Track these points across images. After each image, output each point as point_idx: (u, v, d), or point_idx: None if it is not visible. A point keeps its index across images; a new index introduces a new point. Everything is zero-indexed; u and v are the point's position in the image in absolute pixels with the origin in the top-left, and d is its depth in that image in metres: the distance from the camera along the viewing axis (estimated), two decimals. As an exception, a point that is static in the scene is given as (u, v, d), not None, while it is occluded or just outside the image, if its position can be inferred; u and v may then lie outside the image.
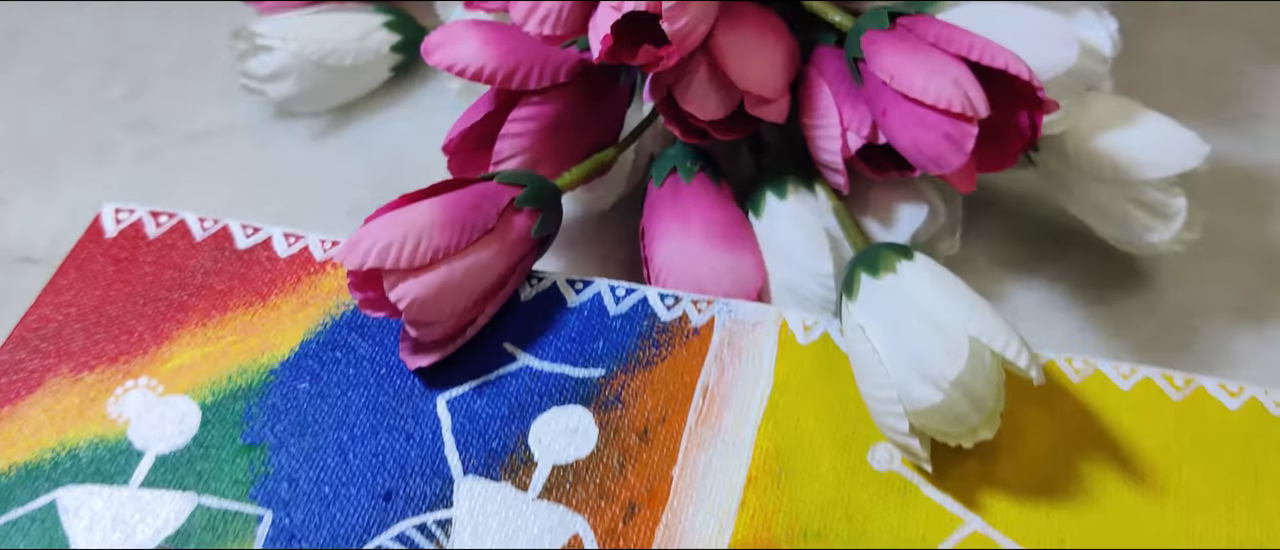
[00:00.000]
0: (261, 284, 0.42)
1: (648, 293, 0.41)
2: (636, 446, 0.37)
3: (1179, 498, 0.35)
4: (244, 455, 0.38)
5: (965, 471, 0.36)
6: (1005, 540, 0.35)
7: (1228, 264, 0.46)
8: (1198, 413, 0.37)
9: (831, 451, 0.37)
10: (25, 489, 0.37)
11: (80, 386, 0.40)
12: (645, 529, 0.36)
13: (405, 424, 0.38)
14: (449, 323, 0.39)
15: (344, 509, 0.36)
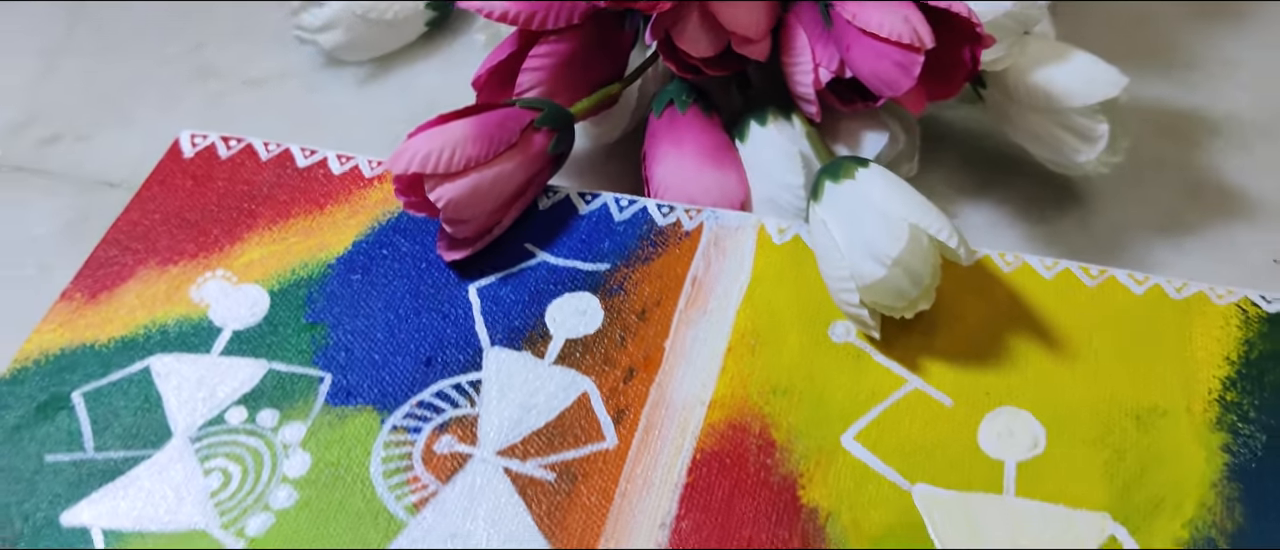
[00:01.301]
0: (319, 196, 0.50)
1: (647, 204, 0.49)
2: (635, 324, 0.45)
3: (1089, 364, 0.42)
4: (307, 331, 0.45)
5: (909, 342, 0.43)
6: (941, 396, 0.42)
7: (1153, 189, 0.53)
8: (1108, 297, 0.44)
9: (798, 328, 0.44)
10: (123, 357, 0.45)
11: (166, 277, 0.47)
12: (641, 388, 0.43)
13: (442, 306, 0.46)
14: (478, 222, 0.46)
15: (392, 372, 0.44)
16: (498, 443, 0.42)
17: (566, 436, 0.42)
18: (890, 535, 0.38)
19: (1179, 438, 0.40)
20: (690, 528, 0.39)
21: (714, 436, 0.41)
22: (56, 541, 0.40)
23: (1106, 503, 0.39)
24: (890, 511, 0.39)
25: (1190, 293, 0.44)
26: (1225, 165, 0.54)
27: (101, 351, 0.45)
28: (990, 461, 0.40)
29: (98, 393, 0.44)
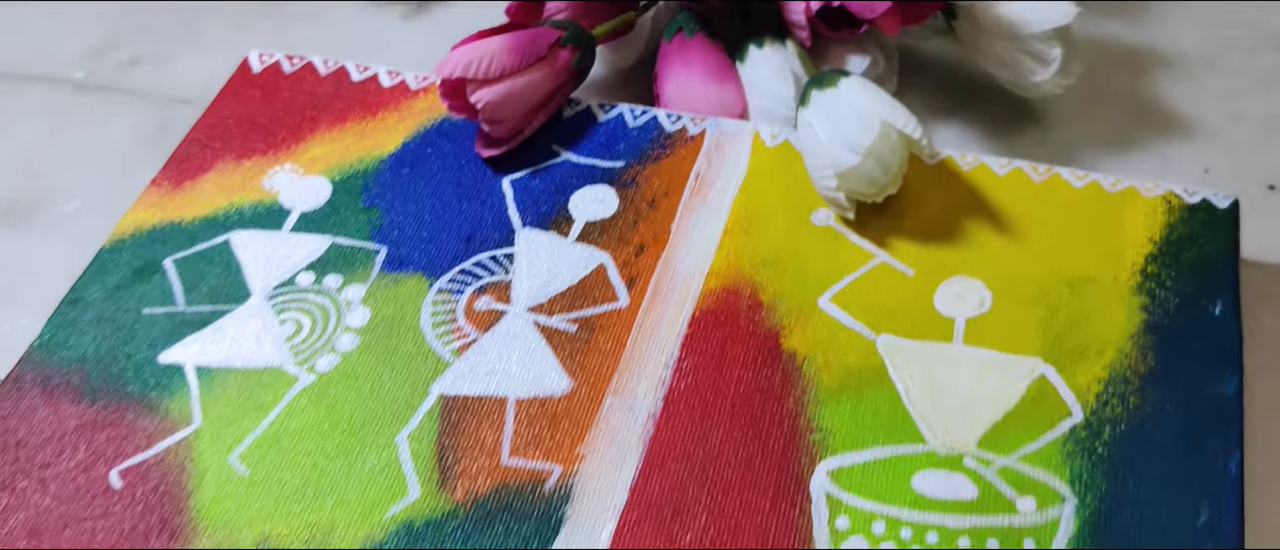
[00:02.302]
0: (371, 104, 0.57)
1: (658, 113, 0.56)
2: (646, 210, 0.52)
3: (1031, 242, 0.50)
4: (364, 213, 0.53)
5: (878, 224, 0.51)
6: (904, 267, 0.49)
7: (1103, 111, 0.60)
8: (1052, 190, 0.52)
9: (784, 213, 0.52)
10: (206, 232, 0.52)
11: (241, 169, 0.55)
12: (650, 260, 0.50)
13: (479, 195, 0.53)
14: (511, 123, 0.54)
15: (438, 246, 0.51)
16: (528, 301, 0.49)
17: (586, 297, 0.49)
18: (856, 373, 0.46)
19: (1105, 300, 0.47)
20: (689, 367, 0.46)
21: (711, 298, 0.49)
22: (156, 376, 0.47)
23: (1039, 350, 0.46)
24: (857, 356, 0.47)
25: (1123, 187, 0.51)
26: (1171, 93, 0.61)
27: (187, 227, 0.52)
28: (943, 318, 0.47)
29: (185, 260, 0.51)
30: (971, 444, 0.43)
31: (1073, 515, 0.41)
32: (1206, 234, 0.49)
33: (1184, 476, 0.42)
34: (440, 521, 0.43)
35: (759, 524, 0.42)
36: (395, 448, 0.45)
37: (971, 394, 0.45)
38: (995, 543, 0.41)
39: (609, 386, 0.46)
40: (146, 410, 0.46)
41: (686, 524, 0.42)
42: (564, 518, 0.43)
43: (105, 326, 0.49)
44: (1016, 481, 0.42)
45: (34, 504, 0.44)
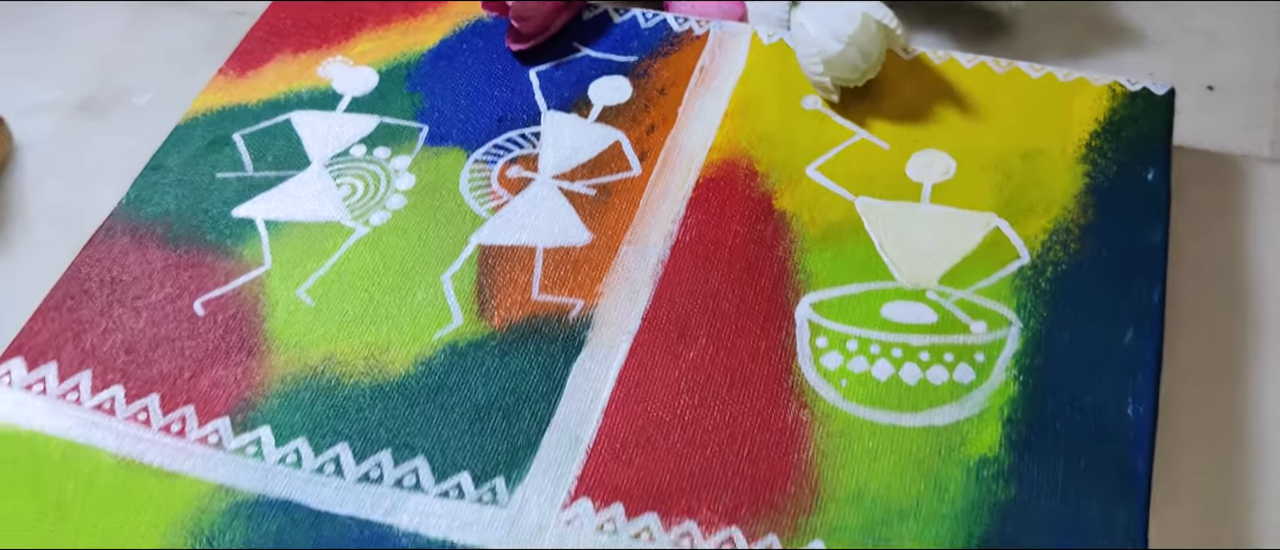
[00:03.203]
0: (413, 7, 0.64)
1: (667, 16, 0.63)
2: (656, 96, 0.59)
3: (991, 122, 0.57)
4: (408, 97, 0.60)
5: (859, 107, 0.58)
6: (880, 142, 0.57)
7: (1065, 26, 0.68)
8: (1012, 80, 0.59)
9: (778, 100, 0.59)
10: (269, 112, 0.60)
11: (297, 61, 0.62)
12: (660, 138, 0.58)
13: (509, 84, 0.60)
14: (537, 21, 0.61)
15: (473, 126, 0.59)
16: (553, 170, 0.57)
17: (604, 167, 0.57)
18: (837, 227, 0.53)
19: (1053, 168, 0.55)
20: (693, 222, 0.54)
21: (712, 169, 0.56)
22: (230, 227, 0.55)
23: (994, 207, 0.53)
24: (838, 213, 0.54)
25: (1074, 77, 0.58)
26: (1126, 10, 0.69)
27: (252, 109, 0.60)
28: (913, 183, 0.55)
29: (252, 135, 0.59)
30: (933, 281, 0.51)
31: (1017, 336, 0.49)
32: (1145, 117, 0.56)
33: (1114, 306, 0.49)
34: (480, 342, 0.50)
35: (751, 344, 0.50)
36: (440, 285, 0.52)
37: (935, 242, 0.52)
38: (950, 356, 0.48)
39: (624, 238, 0.54)
40: (223, 254, 0.54)
41: (690, 344, 0.50)
42: (586, 340, 0.50)
43: (184, 188, 0.56)
44: (970, 310, 0.50)
45: (129, 327, 0.51)
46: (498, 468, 0.46)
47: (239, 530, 0.45)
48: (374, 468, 0.47)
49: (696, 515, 0.45)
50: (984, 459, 0.45)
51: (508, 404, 0.48)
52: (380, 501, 0.46)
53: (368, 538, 0.45)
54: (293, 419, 0.48)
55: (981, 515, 0.44)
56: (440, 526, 0.45)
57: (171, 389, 0.49)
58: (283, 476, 0.46)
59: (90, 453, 0.47)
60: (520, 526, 0.45)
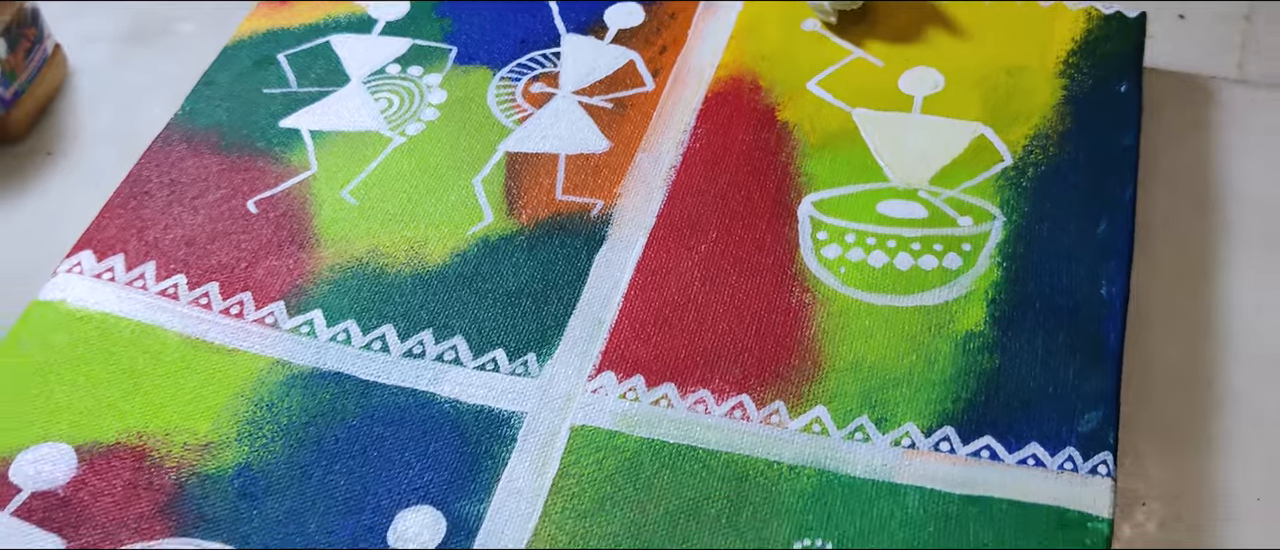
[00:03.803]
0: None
1: (676, -50, 0.68)
2: (667, 20, 0.64)
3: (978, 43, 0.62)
4: (438, 22, 0.65)
5: (855, 29, 0.63)
6: (875, 59, 0.62)
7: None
8: (998, 9, 0.64)
9: (780, 24, 0.64)
10: (309, 36, 0.64)
11: (334, -9, 0.67)
12: (671, 57, 0.62)
13: (531, 10, 0.65)
14: (558, -48, 0.66)
15: (498, 47, 0.63)
16: (573, 87, 0.61)
17: (620, 84, 0.61)
18: (835, 135, 0.58)
19: (1034, 81, 0.59)
20: (703, 132, 0.59)
21: (720, 84, 0.61)
22: (278, 136, 0.59)
23: (980, 116, 0.58)
24: (837, 123, 0.59)
25: (1053, 4, 0.63)
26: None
27: (294, 31, 0.64)
28: (905, 96, 0.60)
29: (295, 55, 0.63)
30: (924, 181, 0.56)
31: (1001, 228, 0.54)
32: (1118, 36, 0.61)
33: (1089, 201, 0.54)
34: (510, 237, 0.55)
35: (757, 237, 0.55)
36: (472, 187, 0.57)
37: (925, 148, 0.57)
38: (940, 247, 0.53)
39: (639, 146, 0.58)
40: (272, 160, 0.58)
41: (701, 238, 0.55)
42: (606, 235, 0.55)
43: (234, 101, 0.61)
44: (958, 206, 0.55)
45: (188, 223, 0.56)
46: (529, 345, 0.51)
47: (296, 398, 0.50)
48: (417, 345, 0.51)
49: (710, 385, 0.50)
50: (970, 333, 0.50)
51: (536, 290, 0.53)
52: (423, 374, 0.51)
53: (412, 404, 0.50)
54: (342, 303, 0.53)
55: (968, 382, 0.49)
56: (478, 395, 0.50)
57: (230, 277, 0.54)
58: (334, 352, 0.51)
59: (157, 332, 0.52)
60: (551, 395, 0.50)
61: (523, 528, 0.46)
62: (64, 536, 0.46)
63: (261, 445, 0.48)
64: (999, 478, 0.46)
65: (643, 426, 0.49)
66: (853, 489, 0.46)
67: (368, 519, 0.46)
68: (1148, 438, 0.50)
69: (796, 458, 0.47)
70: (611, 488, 0.47)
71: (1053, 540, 0.44)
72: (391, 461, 0.48)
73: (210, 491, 0.47)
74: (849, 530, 0.45)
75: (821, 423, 0.48)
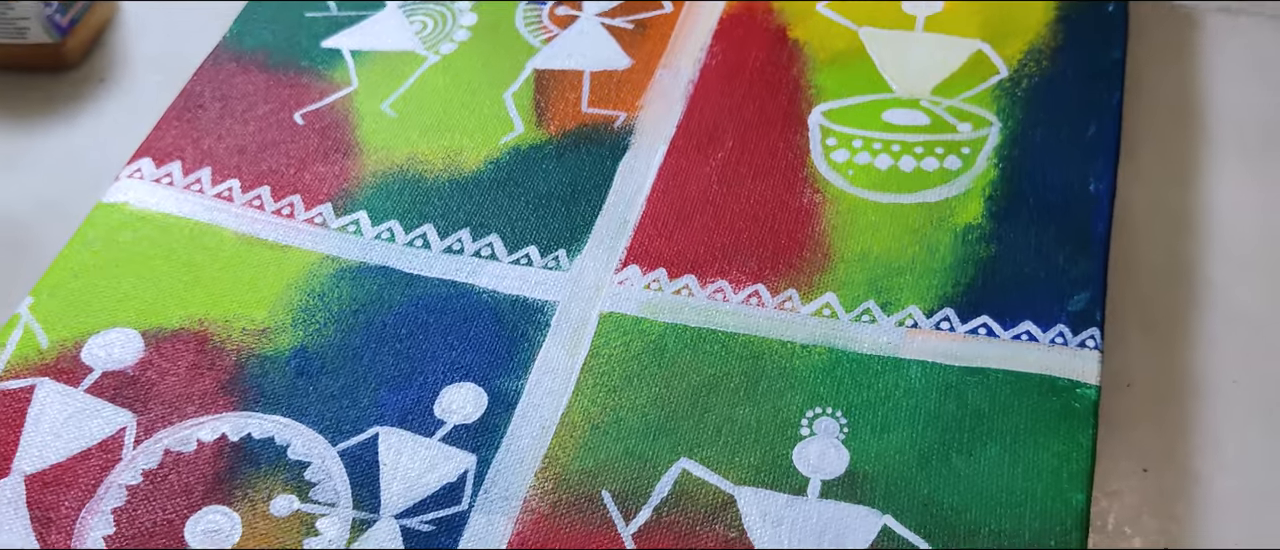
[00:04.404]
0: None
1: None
2: (684, -50, 0.68)
3: (977, -30, 0.66)
4: (466, -48, 0.69)
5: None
6: (881, -16, 0.66)
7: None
8: (994, -66, 0.68)
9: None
10: (346, -34, 0.68)
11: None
12: (688, -17, 0.66)
13: (554, -59, 0.69)
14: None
15: (524, -26, 0.67)
16: (596, 10, 0.65)
17: (640, 6, 0.65)
18: (843, 52, 0.62)
19: (1028, 3, 0.64)
20: (719, 50, 0.63)
21: (733, 6, 0.65)
22: (321, 55, 0.63)
23: (978, 34, 0.62)
24: (844, 41, 0.63)
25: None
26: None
27: (331, -37, 0.69)
28: (908, 15, 0.64)
29: (333, -17, 0.67)
30: (926, 92, 0.60)
31: (997, 133, 0.58)
32: (1108, -38, 0.65)
33: (1079, 108, 0.58)
34: (539, 146, 0.59)
35: (770, 144, 0.59)
36: (503, 101, 0.61)
37: (927, 62, 0.61)
38: (940, 150, 0.58)
39: (659, 63, 0.62)
40: (316, 77, 0.62)
41: (718, 146, 0.59)
42: (629, 144, 0.59)
43: (277, 24, 0.65)
44: (958, 114, 0.59)
45: (239, 133, 0.60)
46: (560, 242, 0.55)
47: (345, 289, 0.54)
48: (455, 242, 0.56)
49: (727, 275, 0.54)
50: (969, 226, 0.54)
51: (565, 194, 0.57)
52: (462, 267, 0.55)
53: (453, 294, 0.54)
54: (385, 205, 0.57)
55: (967, 269, 0.53)
56: (514, 286, 0.54)
57: (280, 181, 0.58)
58: (380, 249, 0.56)
59: (215, 230, 0.56)
60: (580, 286, 0.54)
61: (558, 401, 0.50)
62: (134, 410, 0.50)
63: (315, 330, 0.53)
64: (995, 351, 0.50)
65: (666, 313, 0.53)
66: (860, 364, 0.50)
67: (415, 394, 0.50)
68: (1132, 325, 0.54)
69: (808, 338, 0.51)
70: (638, 366, 0.51)
71: (1044, 406, 0.48)
72: (435, 343, 0.52)
73: (268, 371, 0.51)
74: (856, 400, 0.49)
75: (831, 307, 0.52)
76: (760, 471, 0.47)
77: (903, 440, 0.48)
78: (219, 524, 0.47)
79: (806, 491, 0.47)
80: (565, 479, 0.48)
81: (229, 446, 0.49)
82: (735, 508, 0.46)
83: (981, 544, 0.45)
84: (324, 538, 0.46)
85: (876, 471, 0.47)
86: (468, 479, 0.48)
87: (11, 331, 0.53)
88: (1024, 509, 0.45)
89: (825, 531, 0.46)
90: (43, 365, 0.52)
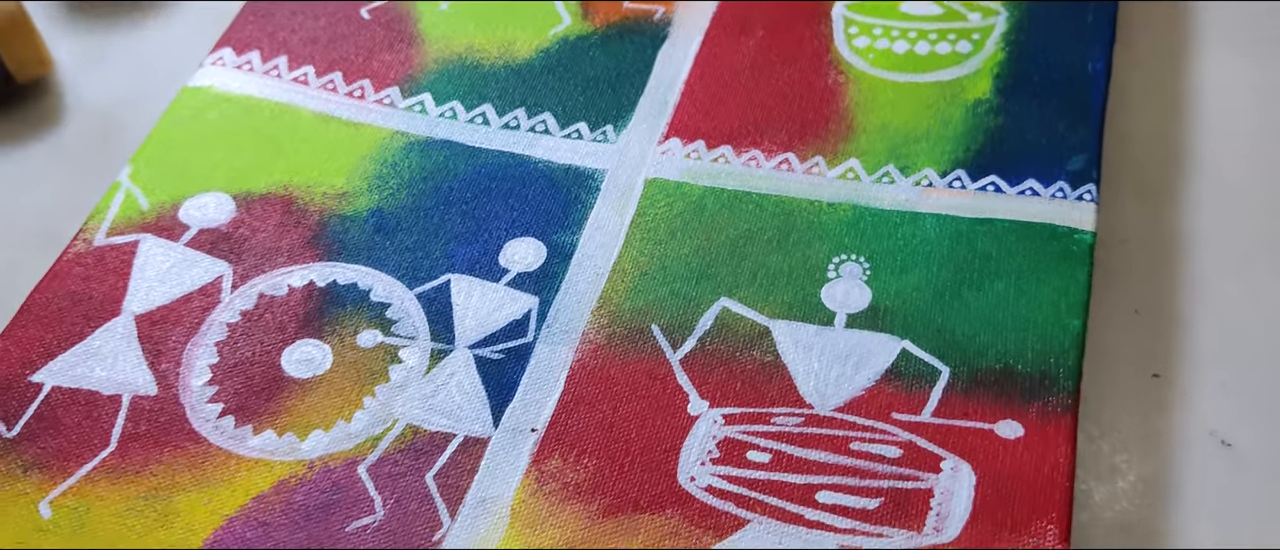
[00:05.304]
0: None
1: None
2: None
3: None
4: None
5: None
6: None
7: None
8: None
9: None
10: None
11: None
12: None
13: None
14: None
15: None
16: (634, -83, 0.71)
17: (675, -85, 0.71)
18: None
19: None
20: (749, -49, 0.68)
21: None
22: (381, -40, 0.69)
23: (987, -65, 0.68)
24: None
25: None
26: None
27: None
28: (923, -80, 0.69)
29: (390, -104, 0.73)
30: (939, -14, 0.66)
31: (1005, 20, 0.64)
32: None
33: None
34: (586, 36, 0.65)
35: (797, 34, 0.64)
36: (551, -2, 0.67)
37: (940, -40, 0.67)
38: (953, 36, 0.63)
39: (694, -36, 0.68)
40: (379, -22, 0.68)
41: (749, 36, 0.65)
42: (667, 35, 0.65)
43: (341, -68, 0.71)
44: (968, 4, 0.65)
45: (311, 27, 0.66)
46: (607, 119, 0.61)
47: (414, 159, 0.60)
48: (512, 120, 0.62)
49: (760, 146, 0.60)
50: (978, 100, 0.60)
51: (611, 78, 0.63)
52: (519, 141, 0.61)
53: (512, 164, 0.60)
54: (447, 88, 0.63)
55: (977, 137, 0.59)
56: (566, 157, 0.60)
57: (350, 68, 0.64)
58: (444, 125, 0.61)
59: (293, 110, 0.62)
60: (626, 156, 0.60)
61: (609, 252, 0.56)
62: (229, 261, 0.56)
63: (389, 194, 0.59)
64: (1002, 204, 0.56)
65: (705, 178, 0.59)
66: (881, 218, 0.56)
67: (481, 247, 0.56)
68: (1127, 192, 0.60)
69: (834, 197, 0.57)
70: (681, 223, 0.57)
71: (1045, 249, 0.54)
72: (498, 205, 0.58)
73: (349, 228, 0.57)
74: (878, 248, 0.55)
75: (855, 171, 0.58)
76: (792, 307, 0.53)
77: (919, 279, 0.54)
78: (311, 354, 0.53)
79: (834, 323, 0.53)
80: (618, 315, 0.53)
81: (317, 291, 0.55)
82: (770, 337, 0.52)
83: (989, 363, 0.50)
84: (406, 365, 0.52)
85: (896, 305, 0.53)
86: (531, 316, 0.54)
87: (114, 195, 0.59)
88: (1027, 333, 0.51)
89: (851, 354, 0.51)
90: (144, 224, 0.58)
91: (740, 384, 0.51)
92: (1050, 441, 0.48)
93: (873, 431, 0.49)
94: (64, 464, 0.50)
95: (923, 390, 0.50)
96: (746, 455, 0.49)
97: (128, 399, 0.52)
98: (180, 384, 0.52)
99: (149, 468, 0.50)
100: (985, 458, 0.48)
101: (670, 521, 0.47)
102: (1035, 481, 0.47)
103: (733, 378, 0.51)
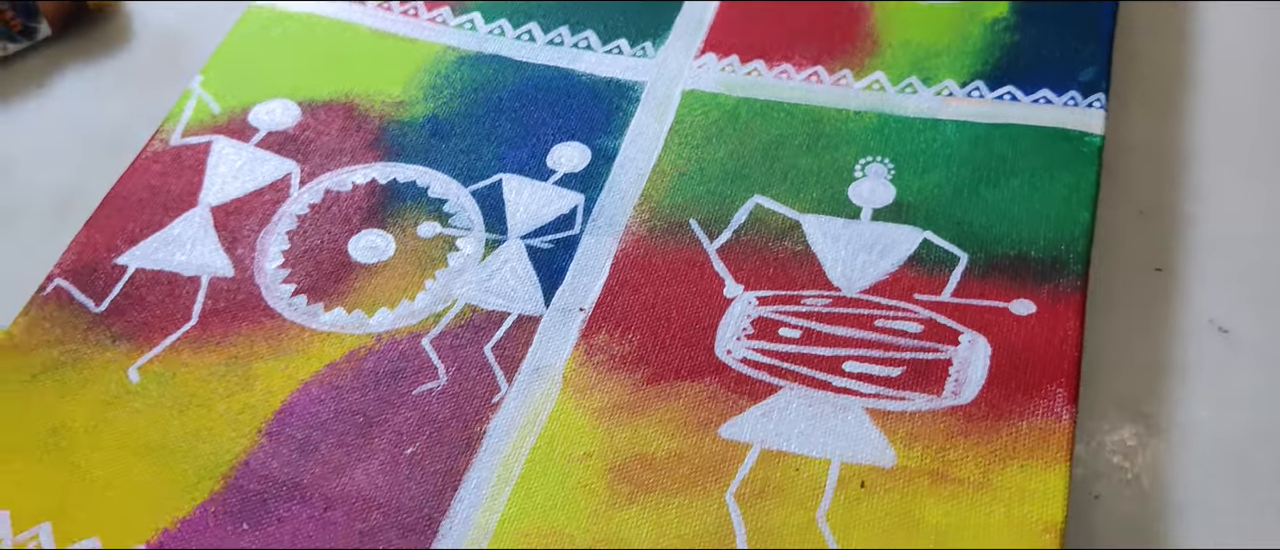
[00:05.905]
0: None
1: None
2: None
3: None
4: None
5: None
6: None
7: None
8: None
9: None
10: None
11: None
12: None
13: None
14: None
15: None
16: None
17: None
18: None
19: None
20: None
21: None
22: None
23: None
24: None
25: None
26: None
27: None
28: None
29: None
30: (960, -84, 0.69)
31: (1021, -53, 0.68)
32: None
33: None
34: (625, -39, 0.69)
35: (826, -41, 0.68)
36: (592, -74, 0.71)
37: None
38: (972, -39, 0.67)
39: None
40: (430, -93, 0.72)
41: (780, -40, 0.69)
42: (703, -40, 0.69)
43: None
44: (987, -67, 0.68)
45: (368, -48, 0.70)
46: (645, 36, 0.65)
47: (465, 71, 0.64)
48: (557, 36, 0.66)
49: (790, 60, 0.64)
50: (996, 20, 0.64)
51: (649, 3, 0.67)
52: (564, 56, 0.65)
53: (557, 76, 0.64)
54: (494, 7, 0.67)
55: (994, 52, 0.63)
56: (608, 70, 0.64)
57: (405, -12, 0.68)
58: (493, 41, 0.66)
59: (352, 26, 0.66)
60: (665, 68, 0.64)
61: (649, 155, 0.60)
62: (296, 160, 0.60)
63: (443, 102, 0.63)
64: (1018, 111, 0.60)
65: (738, 89, 0.63)
66: (905, 123, 0.60)
67: (529, 150, 0.61)
68: (1134, 107, 0.64)
69: (860, 106, 0.61)
70: (717, 129, 0.61)
71: (1057, 150, 0.58)
72: (544, 113, 0.62)
73: (407, 132, 0.61)
74: (901, 150, 0.59)
75: (880, 82, 0.62)
76: (821, 203, 0.57)
77: (940, 178, 0.58)
78: (375, 243, 0.57)
79: (860, 217, 0.57)
80: (659, 211, 0.58)
81: (379, 187, 0.59)
82: (800, 229, 0.57)
83: (1005, 250, 0.55)
84: (463, 252, 0.57)
85: (918, 201, 0.57)
86: (578, 211, 0.58)
87: (186, 101, 0.63)
88: (1040, 224, 0.55)
89: (876, 243, 0.56)
90: (216, 126, 0.62)
91: (773, 270, 0.55)
92: (1060, 317, 0.52)
93: (896, 310, 0.54)
94: (150, 335, 0.54)
95: (943, 274, 0.54)
96: (778, 332, 0.53)
97: (206, 279, 0.56)
98: (255, 267, 0.56)
99: (228, 339, 0.54)
100: (1000, 331, 0.52)
101: (709, 387, 0.51)
102: (1046, 352, 0.51)
103: (765, 265, 0.55)
